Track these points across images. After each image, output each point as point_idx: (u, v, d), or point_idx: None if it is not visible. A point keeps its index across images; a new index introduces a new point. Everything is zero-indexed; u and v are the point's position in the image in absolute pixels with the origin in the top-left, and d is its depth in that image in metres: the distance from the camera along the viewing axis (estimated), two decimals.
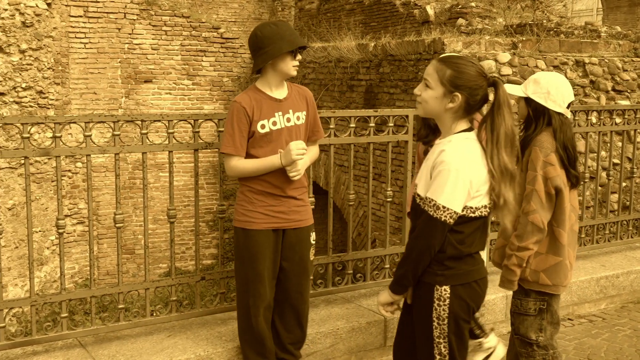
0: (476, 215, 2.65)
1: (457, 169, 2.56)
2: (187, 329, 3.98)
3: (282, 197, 3.51)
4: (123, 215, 3.88)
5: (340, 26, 13.76)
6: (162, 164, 12.05)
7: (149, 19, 12.10)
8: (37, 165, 10.53)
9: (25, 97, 10.35)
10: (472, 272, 2.70)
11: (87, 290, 3.85)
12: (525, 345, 3.35)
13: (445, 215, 2.58)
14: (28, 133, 3.51)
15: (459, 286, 2.67)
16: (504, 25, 9.65)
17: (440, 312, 2.67)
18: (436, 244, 2.62)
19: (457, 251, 2.65)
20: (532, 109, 3.27)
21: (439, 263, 2.66)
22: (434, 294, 2.67)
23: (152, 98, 12.30)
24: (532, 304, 3.31)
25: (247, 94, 3.49)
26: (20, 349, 3.66)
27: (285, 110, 3.49)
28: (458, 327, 2.70)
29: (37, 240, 10.61)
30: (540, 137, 3.22)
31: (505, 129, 2.60)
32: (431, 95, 2.67)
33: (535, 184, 3.15)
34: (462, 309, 2.68)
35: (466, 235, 2.66)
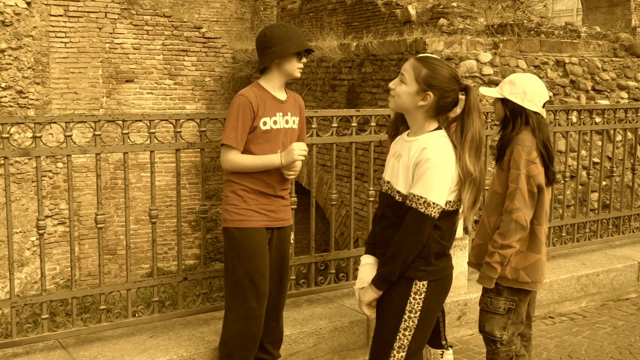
0: (452, 209, 2.73)
1: (444, 166, 2.65)
2: (169, 329, 3.97)
3: (273, 196, 3.53)
4: (105, 215, 3.86)
5: (322, 26, 13.76)
6: (144, 164, 11.98)
7: (130, 18, 12.03)
8: (17, 165, 10.43)
9: (4, 96, 10.25)
10: (446, 267, 2.80)
11: (68, 292, 3.82)
12: (489, 343, 3.40)
13: (435, 211, 2.65)
14: (8, 133, 3.48)
15: (434, 281, 2.75)
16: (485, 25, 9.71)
17: (414, 305, 2.73)
18: (424, 239, 2.68)
19: (440, 247, 2.73)
20: (509, 110, 3.32)
21: (422, 259, 2.71)
22: (411, 288, 2.73)
23: (134, 98, 12.23)
24: (502, 303, 3.33)
25: (252, 90, 3.48)
26: (1, 351, 3.62)
27: (285, 112, 3.53)
28: (427, 321, 2.78)
29: (18, 241, 10.51)
30: (521, 136, 3.26)
31: (473, 133, 2.68)
32: (405, 90, 2.74)
33: (519, 182, 3.19)
34: (435, 304, 2.78)
35: (445, 230, 2.74)
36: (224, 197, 3.57)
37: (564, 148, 5.43)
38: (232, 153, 3.42)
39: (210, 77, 12.62)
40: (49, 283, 11.14)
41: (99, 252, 3.87)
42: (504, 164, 3.29)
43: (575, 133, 5.58)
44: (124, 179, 3.88)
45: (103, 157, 10.03)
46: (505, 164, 3.28)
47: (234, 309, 3.52)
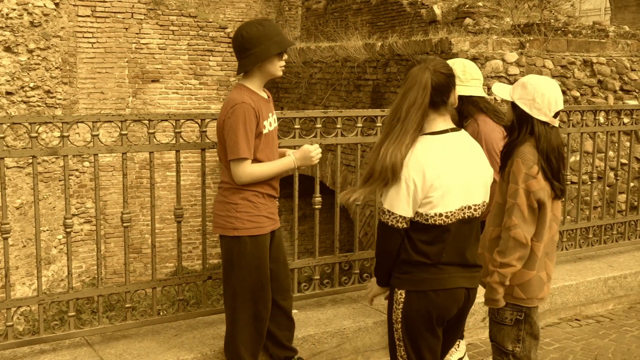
0: (429, 223, 2.60)
1: (405, 175, 2.56)
2: (194, 328, 3.99)
3: (275, 198, 3.51)
4: (130, 214, 3.89)
5: (347, 26, 13.75)
6: (169, 164, 12.07)
7: (156, 18, 12.13)
8: (45, 164, 10.56)
9: (33, 96, 10.38)
10: (430, 280, 2.65)
11: (94, 289, 3.86)
12: (501, 354, 3.23)
13: (391, 219, 2.61)
14: (36, 132, 3.52)
15: (414, 292, 2.66)
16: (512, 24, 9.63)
17: (397, 314, 2.70)
18: (391, 249, 2.65)
19: (407, 256, 2.65)
20: (516, 115, 3.07)
21: (397, 266, 2.70)
22: (394, 296, 2.72)
23: (159, 98, 12.32)
24: (508, 314, 3.15)
25: (245, 94, 3.31)
26: (28, 348, 3.67)
27: (272, 112, 3.49)
28: (412, 333, 2.69)
29: (45, 239, 10.64)
30: (522, 147, 3.01)
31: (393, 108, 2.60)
32: None
33: (517, 198, 2.96)
34: (417, 315, 2.66)
35: (420, 243, 2.63)
36: (226, 204, 3.40)
37: (591, 149, 5.37)
38: (247, 165, 3.28)
39: (235, 77, 12.67)
40: (75, 281, 11.26)
41: (125, 251, 3.90)
42: (505, 175, 3.08)
43: (602, 134, 5.52)
44: (150, 178, 3.91)
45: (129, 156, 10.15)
46: (506, 175, 3.07)
47: (242, 316, 3.45)
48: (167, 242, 12.11)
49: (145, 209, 12.13)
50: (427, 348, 2.72)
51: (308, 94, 11.00)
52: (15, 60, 10.09)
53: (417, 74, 2.59)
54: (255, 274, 3.40)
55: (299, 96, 11.34)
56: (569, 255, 5.40)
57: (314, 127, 4.13)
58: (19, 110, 10.18)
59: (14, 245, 9.97)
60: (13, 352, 3.63)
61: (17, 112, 10.12)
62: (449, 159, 2.62)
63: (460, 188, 2.63)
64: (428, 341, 2.71)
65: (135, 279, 11.51)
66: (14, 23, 9.98)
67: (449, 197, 2.59)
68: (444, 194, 2.58)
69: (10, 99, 10.08)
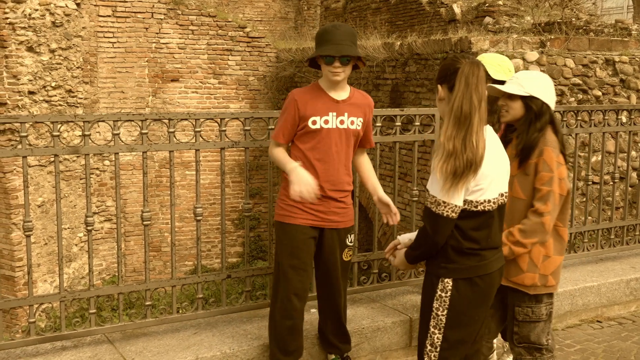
0: (478, 210, 2.67)
1: None
2: (213, 326, 4.01)
3: (321, 196, 3.51)
4: (150, 213, 3.91)
5: (366, 25, 13.72)
6: (188, 162, 12.12)
7: (176, 18, 12.18)
8: (66, 163, 10.66)
9: (54, 95, 10.48)
10: (476, 267, 2.72)
11: (114, 287, 3.89)
12: (533, 352, 3.27)
13: (447, 210, 2.62)
14: (58, 131, 3.56)
15: (462, 280, 2.70)
16: (532, 23, 9.55)
17: (441, 303, 2.72)
18: (440, 240, 2.67)
19: (459, 245, 2.69)
20: (535, 107, 3.16)
21: (443, 256, 2.71)
22: (437, 285, 2.73)
23: (179, 97, 12.38)
24: (544, 309, 3.25)
25: (306, 88, 3.56)
26: (50, 344, 3.71)
27: (340, 112, 3.50)
28: (456, 321, 2.73)
29: (66, 237, 10.74)
30: (548, 136, 3.15)
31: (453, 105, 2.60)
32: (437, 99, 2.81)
33: (553, 185, 3.07)
34: (464, 303, 2.72)
35: (470, 230, 2.68)
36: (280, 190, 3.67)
37: (613, 149, 5.31)
38: (273, 145, 3.57)
39: (254, 77, 12.70)
40: (96, 279, 11.36)
41: (145, 249, 3.93)
42: (529, 167, 3.14)
43: (625, 133, 5.46)
44: (170, 177, 3.93)
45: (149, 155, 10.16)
46: (532, 167, 3.13)
47: (275, 302, 3.65)
48: (186, 240, 12.17)
49: (165, 207, 12.19)
50: (467, 334, 2.79)
51: None
52: (38, 60, 10.19)
53: (474, 68, 2.63)
54: (285, 261, 3.56)
55: None
56: (590, 257, 5.35)
57: None
58: (41, 110, 10.28)
59: (36, 243, 10.08)
60: (35, 348, 3.67)
61: (39, 111, 10.22)
62: (491, 147, 2.70)
63: (500, 175, 2.74)
64: (472, 326, 2.79)
65: (155, 277, 11.58)
66: (36, 23, 10.08)
67: (493, 184, 2.69)
68: (491, 181, 2.67)
69: (32, 98, 10.18)
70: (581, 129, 5.14)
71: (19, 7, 9.87)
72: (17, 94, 9.98)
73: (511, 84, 3.23)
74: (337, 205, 3.56)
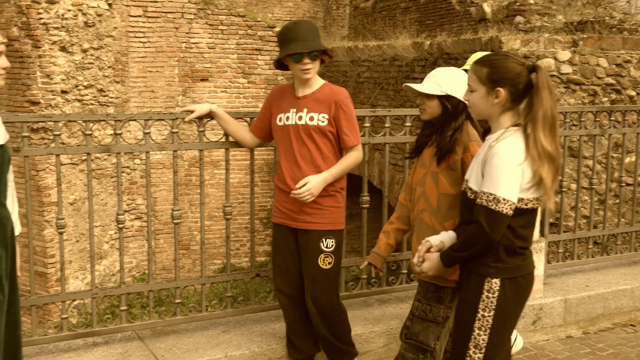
0: (528, 208, 2.67)
1: (510, 160, 2.60)
2: (241, 325, 4.02)
3: (285, 192, 3.50)
4: (180, 211, 3.94)
5: (395, 24, 13.67)
6: (217, 161, 12.19)
7: (206, 18, 12.26)
8: (97, 161, 10.78)
9: (86, 95, 10.61)
10: (522, 266, 2.72)
11: (145, 285, 3.92)
12: (417, 351, 3.20)
13: (506, 207, 2.60)
14: (90, 130, 3.60)
15: (508, 280, 2.68)
16: (564, 22, 9.43)
17: (487, 303, 2.68)
18: (496, 237, 2.64)
19: (511, 243, 2.67)
20: (451, 106, 3.17)
21: (492, 255, 2.68)
22: (484, 286, 2.69)
23: (208, 96, 12.45)
24: (442, 312, 3.18)
25: (283, 85, 3.64)
26: (82, 340, 3.75)
27: (300, 108, 3.47)
28: (502, 321, 2.71)
29: (97, 234, 10.87)
30: (470, 131, 3.17)
31: (543, 111, 2.61)
32: (476, 97, 2.74)
33: None
34: (509, 304, 2.70)
35: (519, 228, 2.68)
36: None
37: None
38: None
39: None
40: (126, 276, 11.47)
41: (175, 247, 3.95)
42: (456, 163, 3.15)
43: None
44: (200, 176, 3.95)
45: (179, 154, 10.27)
46: (459, 163, 3.14)
47: None
48: (214, 239, 12.24)
49: (194, 206, 12.28)
50: (510, 333, 2.79)
51: (356, 92, 10.96)
52: (70, 59, 10.32)
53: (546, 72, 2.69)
54: (273, 259, 3.68)
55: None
56: (623, 259, 5.27)
57: (362, 126, 4.11)
58: (73, 109, 10.42)
59: (68, 240, 10.22)
60: (68, 343, 3.72)
61: (72, 111, 10.36)
62: None
63: None
64: (513, 326, 2.79)
65: (184, 275, 11.66)
66: (69, 23, 10.22)
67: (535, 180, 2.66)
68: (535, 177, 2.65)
69: (65, 98, 10.32)
70: (614, 130, 5.07)
71: (53, 7, 10.01)
72: (50, 93, 10.12)
73: (427, 82, 3.24)
74: (309, 205, 3.44)
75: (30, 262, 3.65)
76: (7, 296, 2.70)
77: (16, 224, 2.89)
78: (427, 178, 3.24)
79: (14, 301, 2.80)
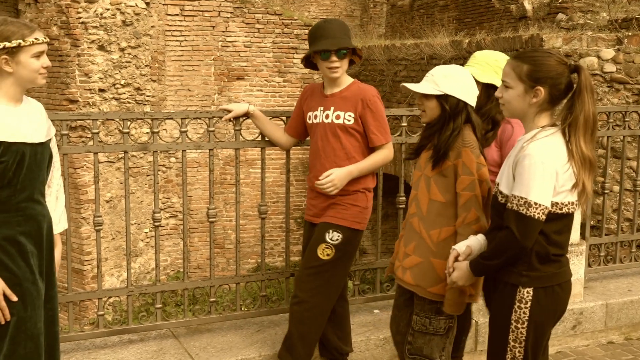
0: (563, 212, 2.54)
1: (543, 162, 2.47)
2: (276, 324, 4.00)
3: (314, 191, 3.51)
4: (215, 210, 3.93)
5: (433, 22, 13.55)
6: (252, 160, 12.21)
7: (242, 16, 12.29)
8: (133, 159, 10.88)
9: (123, 93, 10.71)
10: (557, 274, 2.59)
11: (180, 283, 3.92)
12: None
13: (538, 212, 2.48)
14: (127, 129, 3.61)
15: (542, 289, 2.56)
16: (608, 19, 9.22)
17: (520, 314, 2.56)
18: (529, 244, 2.51)
19: (544, 250, 2.55)
20: (450, 107, 2.95)
21: (525, 263, 2.56)
22: (515, 296, 2.57)
23: (244, 95, 12.48)
24: (443, 323, 3.03)
25: (316, 84, 3.62)
26: (117, 337, 3.77)
27: (327, 106, 3.45)
28: (537, 332, 2.59)
29: (132, 232, 10.97)
30: (466, 136, 2.94)
31: (585, 115, 2.50)
32: (512, 95, 2.61)
33: (475, 189, 2.87)
34: (544, 314, 2.58)
35: (553, 234, 2.55)
36: None
37: None
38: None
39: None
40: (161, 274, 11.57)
41: (210, 246, 3.95)
42: (448, 170, 2.93)
43: None
44: (235, 175, 3.94)
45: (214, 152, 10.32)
46: (450, 169, 2.93)
47: None
48: (248, 238, 12.26)
49: (229, 204, 12.31)
50: (544, 344, 2.68)
51: (392, 91, 10.88)
52: (108, 58, 10.43)
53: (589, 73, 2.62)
54: None
55: (383, 94, 11.25)
56: None
57: (399, 125, 4.06)
58: (111, 107, 10.53)
59: (104, 238, 10.33)
60: (104, 340, 3.74)
61: (109, 109, 10.47)
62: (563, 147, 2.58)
63: None
64: (547, 337, 2.67)
65: (218, 274, 11.70)
66: (107, 22, 10.32)
67: (571, 184, 2.55)
68: (571, 181, 2.54)
69: (102, 96, 10.44)
70: None
71: (92, 6, 10.13)
72: (88, 92, 10.24)
73: (425, 82, 3.04)
74: (331, 201, 3.41)
75: (68, 259, 3.68)
76: (42, 291, 2.72)
77: (61, 220, 2.96)
78: (421, 182, 3.07)
79: (52, 297, 2.82)
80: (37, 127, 2.76)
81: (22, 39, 2.63)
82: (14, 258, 2.64)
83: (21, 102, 2.74)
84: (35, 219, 2.72)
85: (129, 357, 3.60)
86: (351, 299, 4.07)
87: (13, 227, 2.65)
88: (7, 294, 2.60)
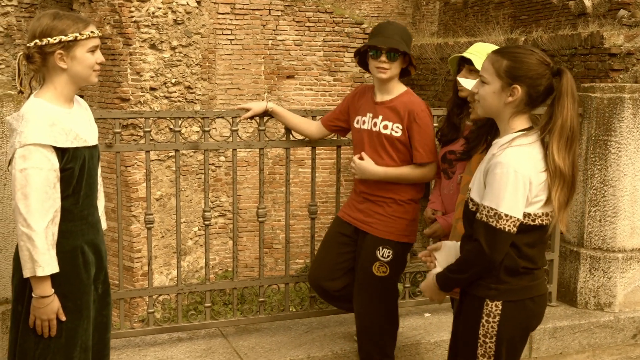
0: (536, 224, 2.39)
1: (516, 170, 2.31)
2: (324, 326, 3.97)
3: (356, 190, 3.48)
4: (265, 209, 3.90)
5: (487, 20, 13.30)
6: (301, 160, 12.17)
7: (293, 15, 12.26)
8: (183, 158, 10.96)
9: (174, 92, 10.80)
10: (528, 288, 2.44)
11: (230, 282, 3.91)
12: None
13: (509, 224, 2.33)
14: (179, 127, 3.61)
15: (512, 303, 2.41)
16: None
17: (488, 329, 2.42)
18: (498, 257, 2.36)
19: (514, 263, 2.40)
20: None
21: (493, 276, 2.41)
22: (483, 309, 2.42)
23: (294, 94, 12.46)
24: None
25: (368, 85, 3.53)
26: (167, 335, 3.78)
27: (376, 114, 3.37)
28: (509, 348, 2.44)
29: (182, 230, 11.05)
30: None
31: (563, 121, 2.33)
32: (488, 90, 2.44)
33: None
34: (514, 329, 2.43)
35: (525, 246, 2.40)
36: None
37: None
38: None
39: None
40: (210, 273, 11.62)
41: (260, 245, 3.93)
42: None
43: None
44: (285, 174, 3.91)
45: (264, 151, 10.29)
46: None
47: None
48: (297, 238, 12.22)
49: (277, 204, 12.31)
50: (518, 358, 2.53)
51: (445, 91, 10.72)
52: (159, 57, 10.53)
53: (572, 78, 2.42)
54: None
55: (435, 93, 11.09)
56: None
57: None
58: (161, 105, 10.63)
59: (154, 236, 10.42)
60: (153, 338, 3.75)
61: (160, 107, 10.57)
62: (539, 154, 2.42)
63: None
64: (519, 353, 2.52)
65: (266, 273, 11.71)
66: (159, 21, 10.42)
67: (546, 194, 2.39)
68: (545, 191, 2.38)
69: (153, 95, 10.54)
70: None
71: (144, 5, 10.24)
72: (139, 90, 10.36)
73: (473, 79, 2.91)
74: (368, 205, 3.39)
75: (120, 257, 3.69)
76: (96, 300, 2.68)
77: (102, 220, 2.88)
78: None
79: (107, 304, 2.77)
80: (91, 128, 2.68)
81: (78, 32, 2.50)
82: (78, 270, 2.56)
83: (73, 102, 2.63)
84: (95, 226, 2.66)
85: (178, 355, 3.59)
86: (402, 301, 4.00)
87: (78, 237, 2.56)
88: (58, 314, 2.51)
